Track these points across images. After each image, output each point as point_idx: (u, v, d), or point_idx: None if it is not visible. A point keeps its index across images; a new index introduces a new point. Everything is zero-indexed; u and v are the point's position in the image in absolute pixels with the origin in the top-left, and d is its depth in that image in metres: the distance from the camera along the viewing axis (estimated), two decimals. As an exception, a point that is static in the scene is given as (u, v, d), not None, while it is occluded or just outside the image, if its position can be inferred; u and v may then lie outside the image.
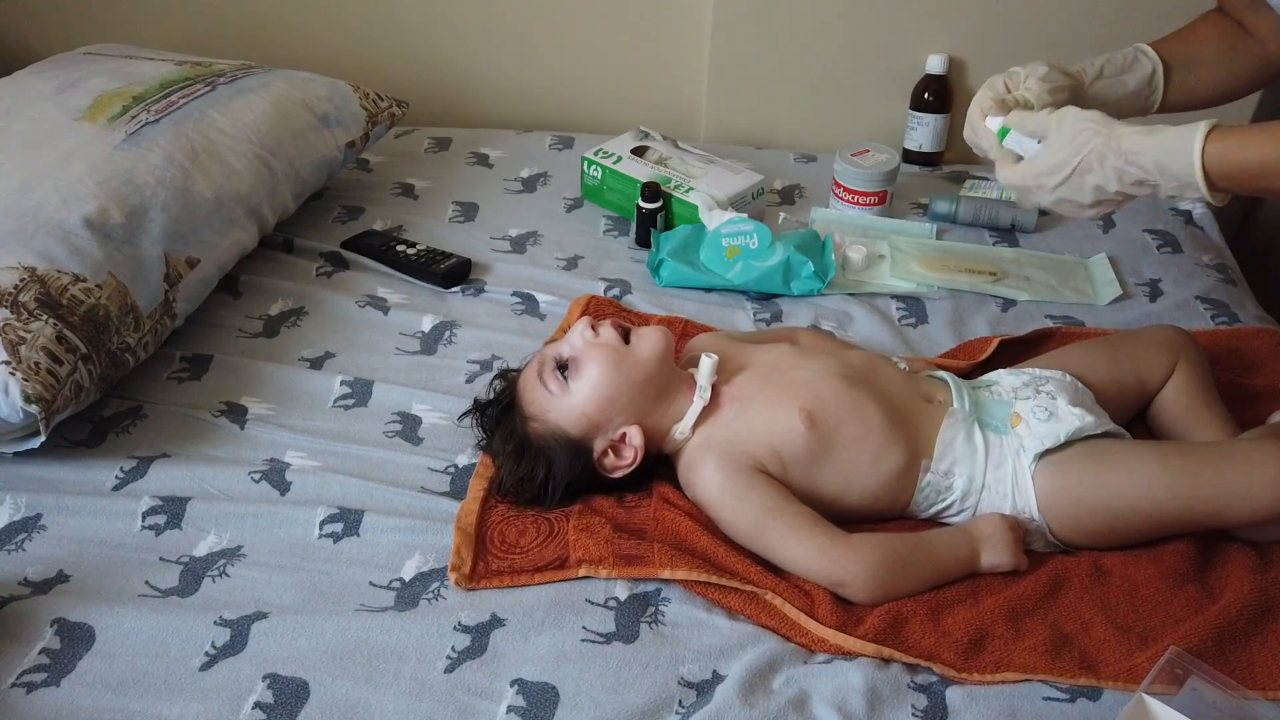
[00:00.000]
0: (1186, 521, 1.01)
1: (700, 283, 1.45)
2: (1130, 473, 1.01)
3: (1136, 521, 1.01)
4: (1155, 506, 0.99)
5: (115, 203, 1.23)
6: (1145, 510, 1.00)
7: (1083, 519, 1.02)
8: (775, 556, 1.01)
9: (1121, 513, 1.01)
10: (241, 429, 1.18)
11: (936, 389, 1.13)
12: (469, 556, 1.01)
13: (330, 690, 0.89)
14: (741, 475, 1.03)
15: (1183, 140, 0.95)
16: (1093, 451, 1.04)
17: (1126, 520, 1.01)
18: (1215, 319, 1.40)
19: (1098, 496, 1.02)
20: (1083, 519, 1.02)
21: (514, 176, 1.73)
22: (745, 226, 1.44)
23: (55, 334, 1.09)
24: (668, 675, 0.91)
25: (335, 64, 1.77)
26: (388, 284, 1.45)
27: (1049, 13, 1.71)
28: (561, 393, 1.07)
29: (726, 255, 1.44)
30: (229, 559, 1.02)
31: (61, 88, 1.41)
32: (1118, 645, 0.93)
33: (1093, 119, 1.01)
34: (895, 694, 0.89)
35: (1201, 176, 0.94)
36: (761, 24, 1.78)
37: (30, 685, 0.89)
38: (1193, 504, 0.99)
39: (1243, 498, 0.97)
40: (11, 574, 0.99)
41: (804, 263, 1.42)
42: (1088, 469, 1.03)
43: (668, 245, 1.47)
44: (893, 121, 1.81)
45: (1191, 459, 1.01)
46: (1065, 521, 1.03)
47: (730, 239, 1.44)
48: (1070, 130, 1.01)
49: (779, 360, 1.14)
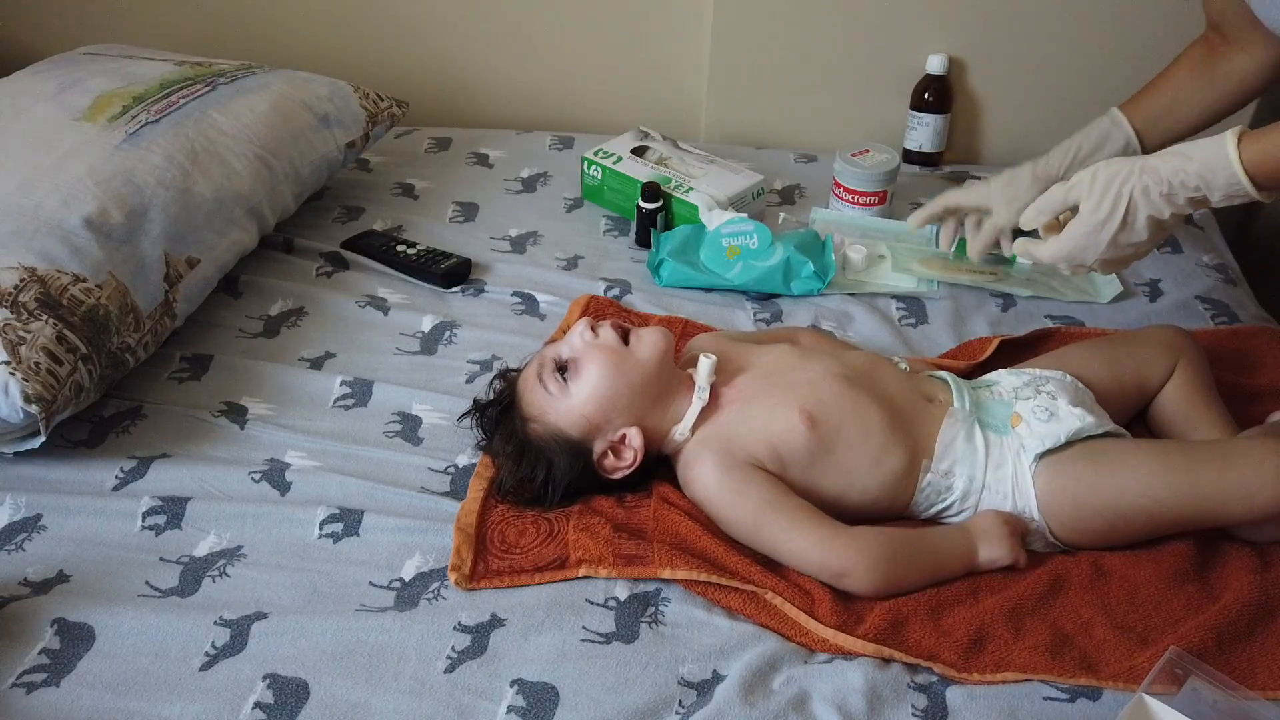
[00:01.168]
0: (1186, 520, 1.01)
1: (700, 283, 1.45)
2: (1130, 472, 1.01)
3: (1136, 520, 1.01)
4: (1155, 505, 0.99)
5: (115, 203, 1.23)
6: (1145, 509, 1.00)
7: (1083, 518, 1.03)
8: (776, 550, 1.01)
9: (1122, 512, 1.01)
10: (241, 429, 1.18)
11: (937, 389, 1.13)
12: (469, 556, 1.01)
13: (330, 690, 0.89)
14: (739, 471, 1.03)
15: (1219, 152, 0.98)
16: (1092, 451, 1.04)
17: (1126, 519, 1.01)
18: (1215, 319, 1.40)
19: (1098, 496, 1.02)
20: (1083, 518, 1.03)
21: (514, 176, 1.73)
22: (745, 227, 1.44)
23: (55, 334, 1.09)
24: (668, 675, 0.91)
25: (335, 64, 1.77)
26: (388, 284, 1.45)
27: (1049, 13, 1.71)
28: (561, 394, 1.07)
29: (726, 255, 1.44)
30: (229, 559, 1.02)
31: (61, 88, 1.41)
32: (1118, 645, 0.93)
33: (1121, 161, 1.04)
34: (895, 694, 0.89)
35: (1249, 181, 0.98)
36: (761, 24, 1.78)
37: (30, 685, 0.89)
38: (1192, 502, 0.99)
39: (1241, 496, 0.97)
40: (11, 574, 0.99)
41: (804, 263, 1.42)
42: (1088, 469, 1.03)
43: (668, 245, 1.47)
44: (893, 121, 1.81)
45: (1191, 458, 1.01)
46: (1065, 521, 1.03)
47: (730, 239, 1.44)
48: (1105, 179, 1.04)
49: (779, 361, 1.14)
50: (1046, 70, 1.76)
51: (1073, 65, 1.74)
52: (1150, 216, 1.03)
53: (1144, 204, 1.02)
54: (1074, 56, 1.74)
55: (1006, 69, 1.78)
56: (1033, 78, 1.77)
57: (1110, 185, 1.03)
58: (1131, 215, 1.03)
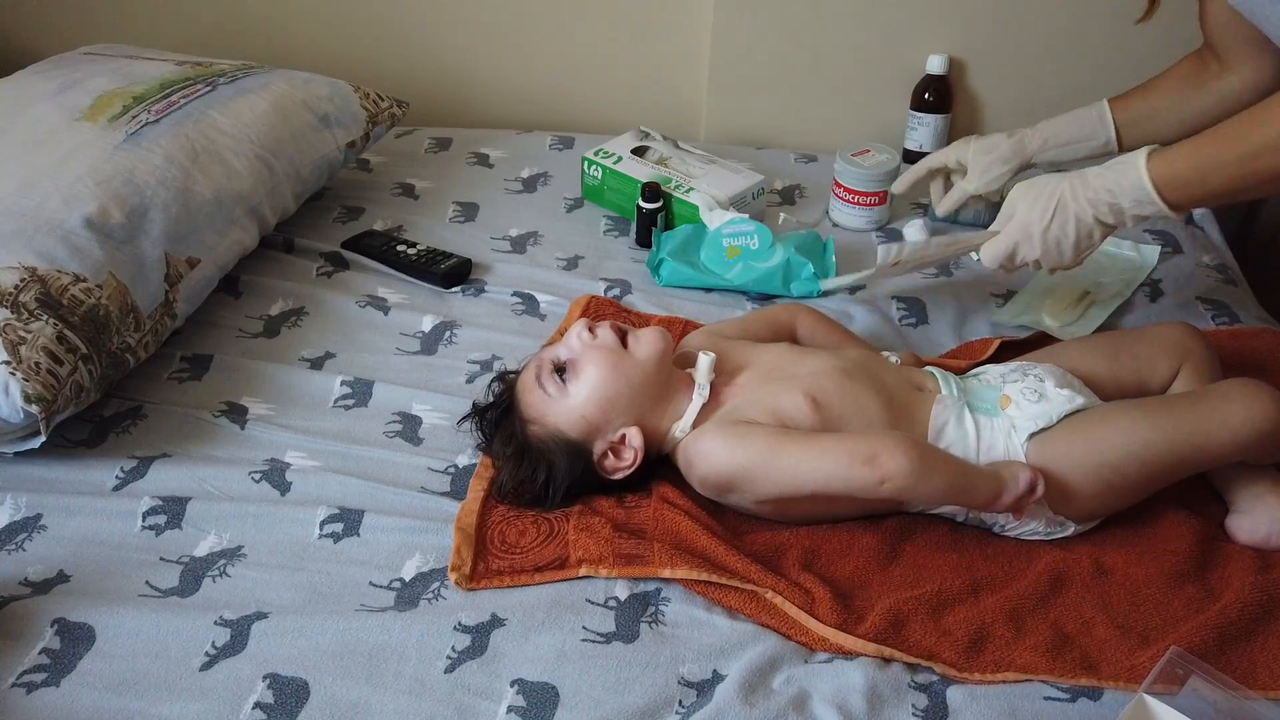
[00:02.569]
0: (1176, 460, 1.03)
1: (700, 282, 1.45)
2: (1115, 424, 1.04)
3: (1130, 471, 1.02)
4: (1143, 447, 1.02)
5: (115, 203, 1.23)
6: (1136, 454, 1.02)
7: (1079, 483, 1.03)
8: (800, 472, 1.00)
9: (1114, 464, 1.02)
10: (242, 429, 1.18)
11: (925, 379, 1.13)
12: (469, 556, 1.01)
13: (330, 690, 0.89)
14: (740, 426, 1.05)
15: (1132, 161, 1.12)
16: (1078, 420, 1.06)
17: (1120, 471, 1.02)
18: (1216, 319, 1.40)
19: (1089, 455, 1.03)
20: (1079, 483, 1.03)
21: (514, 176, 1.73)
22: (746, 227, 1.44)
23: (56, 334, 1.09)
24: (668, 675, 0.91)
25: (335, 64, 1.77)
26: (388, 284, 1.45)
27: (1049, 13, 1.71)
28: (560, 395, 1.07)
29: (727, 255, 1.44)
30: (229, 559, 1.02)
31: (61, 88, 1.41)
32: (1119, 645, 0.93)
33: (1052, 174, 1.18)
34: (895, 693, 0.89)
35: (1154, 189, 1.09)
36: (761, 24, 1.78)
37: (30, 685, 0.89)
38: (1177, 439, 1.02)
39: (1220, 424, 1.02)
40: (11, 574, 0.99)
41: (804, 264, 1.42)
42: (1076, 436, 1.04)
43: (668, 245, 1.47)
44: (893, 121, 1.81)
45: (1168, 402, 1.09)
46: (1064, 489, 1.03)
47: (731, 239, 1.44)
48: (1039, 184, 1.18)
49: (778, 358, 1.14)
50: (1046, 70, 1.76)
51: (1073, 65, 1.74)
52: (1077, 217, 1.15)
53: (1072, 204, 1.15)
54: (1074, 57, 1.74)
55: (1006, 69, 1.78)
56: (1033, 78, 1.77)
57: (1044, 188, 1.16)
58: (1060, 214, 1.15)
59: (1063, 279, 1.37)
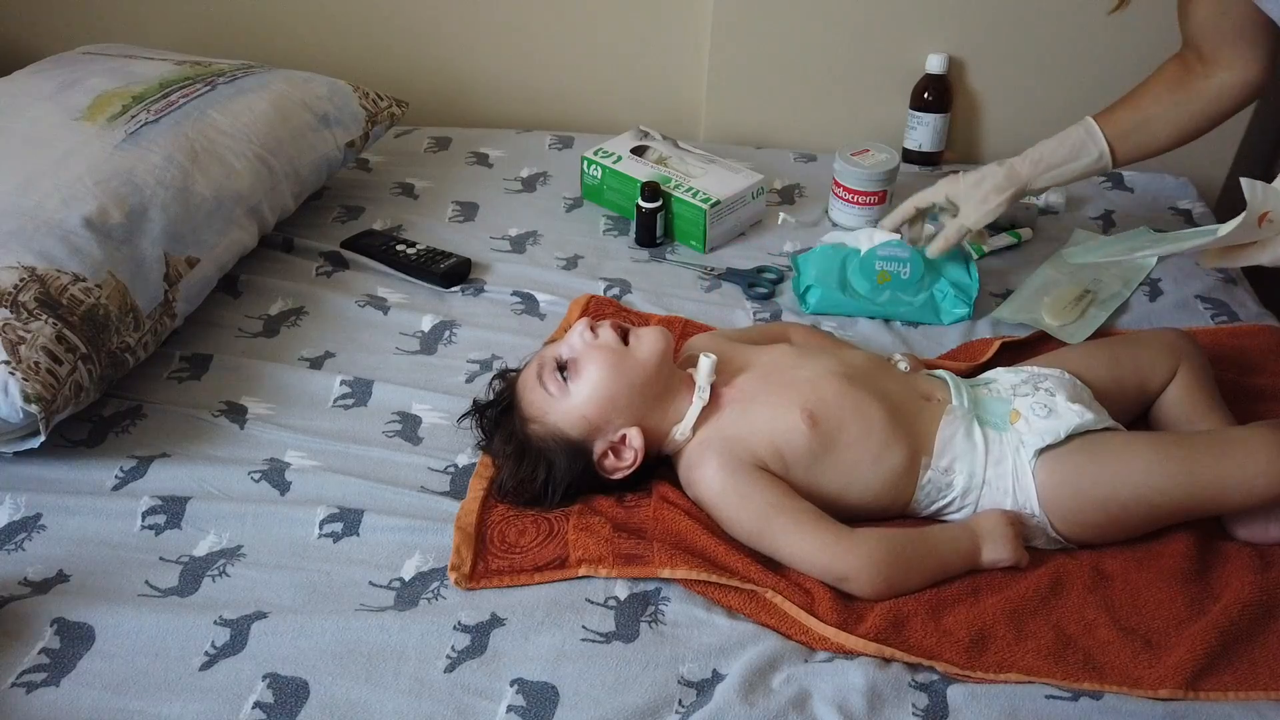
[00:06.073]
0: (1187, 509, 1.01)
1: (849, 310, 1.40)
2: (1130, 463, 1.01)
3: (1138, 511, 1.01)
4: (1156, 494, 1.00)
5: (115, 202, 1.23)
6: (1146, 499, 1.00)
7: (1084, 511, 1.02)
8: (779, 553, 1.01)
9: (1124, 503, 1.01)
10: (241, 429, 1.18)
11: (935, 387, 1.13)
12: (469, 556, 1.01)
13: (330, 690, 0.89)
14: (744, 473, 1.03)
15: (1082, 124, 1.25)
16: (1091, 445, 1.04)
17: (1128, 510, 1.01)
18: (1215, 318, 1.40)
19: (1099, 488, 1.02)
20: (1084, 511, 1.02)
21: (514, 176, 1.73)
22: (901, 253, 1.38)
23: (55, 334, 1.09)
24: (668, 674, 0.91)
25: (335, 64, 1.77)
26: (388, 284, 1.45)
27: (1049, 13, 1.71)
28: (561, 394, 1.07)
29: (877, 280, 1.39)
30: (229, 559, 1.02)
31: (61, 88, 1.41)
32: (1122, 647, 0.93)
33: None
34: (896, 693, 0.89)
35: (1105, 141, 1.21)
36: (761, 24, 1.78)
37: (30, 685, 0.89)
38: (1192, 490, 0.99)
39: (1240, 482, 0.98)
40: (11, 574, 0.99)
41: (945, 292, 1.38)
42: (1088, 462, 1.03)
43: (809, 270, 1.41)
44: (893, 121, 1.81)
45: (1189, 447, 1.02)
46: (1067, 515, 1.03)
47: (885, 263, 1.38)
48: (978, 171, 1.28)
49: (779, 360, 1.14)
50: (1046, 70, 1.76)
51: (1072, 65, 1.74)
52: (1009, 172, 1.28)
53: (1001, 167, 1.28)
54: (1074, 56, 1.74)
55: (1006, 69, 1.78)
56: (1033, 78, 1.77)
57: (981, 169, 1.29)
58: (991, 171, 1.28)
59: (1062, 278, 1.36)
